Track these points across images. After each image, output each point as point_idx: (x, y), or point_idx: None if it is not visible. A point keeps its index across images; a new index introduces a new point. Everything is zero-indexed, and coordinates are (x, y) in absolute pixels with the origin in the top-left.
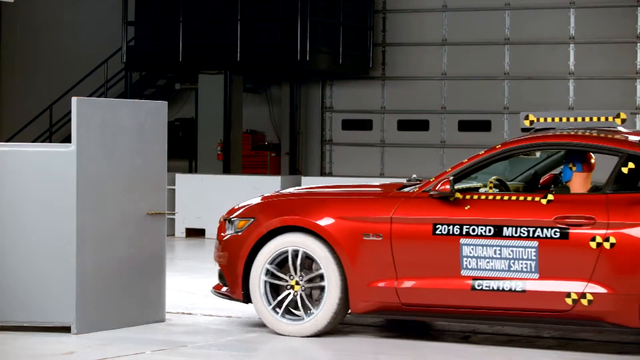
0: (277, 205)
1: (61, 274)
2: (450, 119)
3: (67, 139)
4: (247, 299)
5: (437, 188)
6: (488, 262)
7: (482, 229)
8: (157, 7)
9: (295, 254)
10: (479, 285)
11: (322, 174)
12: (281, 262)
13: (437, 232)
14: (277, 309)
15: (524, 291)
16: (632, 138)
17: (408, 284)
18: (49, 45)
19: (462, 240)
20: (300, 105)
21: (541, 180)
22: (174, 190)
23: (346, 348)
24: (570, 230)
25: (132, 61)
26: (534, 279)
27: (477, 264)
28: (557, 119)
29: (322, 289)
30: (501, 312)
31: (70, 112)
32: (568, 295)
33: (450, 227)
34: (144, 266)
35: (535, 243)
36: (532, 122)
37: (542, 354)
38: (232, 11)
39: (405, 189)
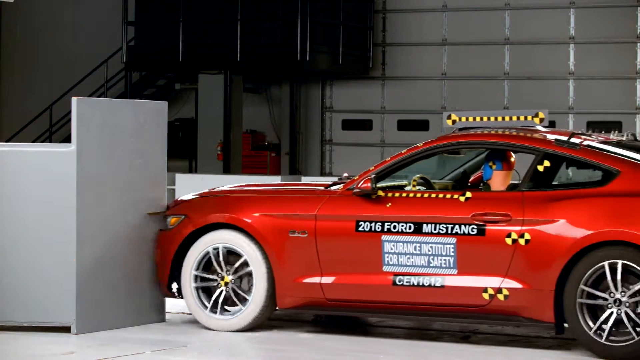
0: (207, 202)
1: (61, 274)
2: None
3: (67, 139)
4: (174, 294)
5: (359, 186)
6: (408, 258)
7: (402, 225)
8: (157, 7)
9: (216, 252)
10: (399, 281)
11: (322, 174)
12: (207, 264)
13: (360, 229)
14: (214, 308)
15: (442, 286)
16: (549, 137)
17: (332, 279)
18: (49, 45)
19: (384, 237)
20: (300, 105)
21: (471, 179)
22: (174, 190)
23: (347, 347)
24: (487, 227)
25: (132, 61)
26: (453, 275)
27: (398, 260)
28: (478, 118)
29: (252, 284)
30: (421, 307)
31: (70, 112)
32: (485, 290)
33: (372, 224)
34: (144, 266)
35: (453, 240)
36: (454, 122)
37: (542, 354)
38: (232, 11)
39: (332, 187)
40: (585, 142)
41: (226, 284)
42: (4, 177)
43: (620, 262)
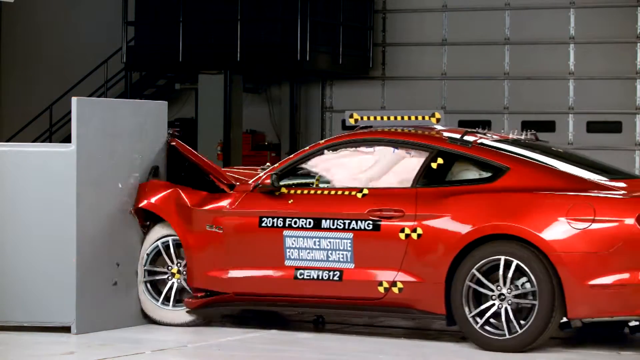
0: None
1: (61, 274)
2: (450, 119)
3: (67, 139)
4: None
5: (262, 182)
6: (309, 252)
7: (302, 221)
8: (157, 7)
9: (166, 245)
10: (300, 275)
11: None
12: (155, 257)
13: (263, 224)
14: (166, 301)
15: (341, 280)
16: (445, 135)
17: (239, 274)
18: (49, 46)
19: (285, 232)
20: (300, 105)
21: None
22: None
23: (347, 347)
24: (381, 223)
25: (132, 61)
26: (350, 269)
27: (299, 254)
28: (378, 118)
29: None
30: (321, 300)
31: (70, 112)
32: (380, 283)
33: (275, 219)
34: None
35: (350, 235)
36: (356, 120)
37: (543, 353)
38: (232, 11)
39: (250, 181)
40: (479, 140)
41: (177, 274)
42: (4, 177)
43: (515, 262)
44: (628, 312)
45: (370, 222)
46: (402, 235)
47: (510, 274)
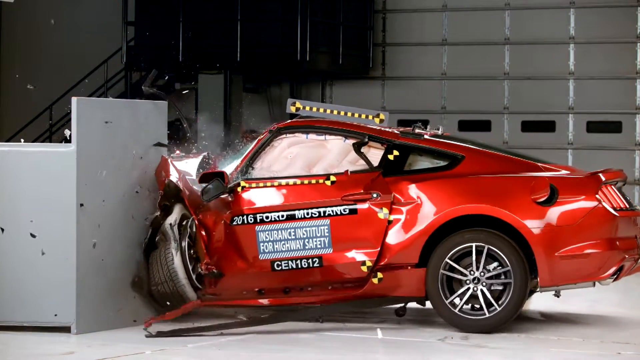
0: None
1: (61, 274)
2: (450, 119)
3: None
4: None
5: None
6: (284, 244)
7: (276, 215)
8: (157, 7)
9: None
10: (278, 266)
11: None
12: None
13: (234, 223)
14: None
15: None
16: (395, 130)
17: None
18: (50, 45)
19: (258, 228)
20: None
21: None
22: None
23: (347, 347)
24: (357, 207)
25: (132, 61)
26: (329, 254)
27: (273, 247)
28: (322, 110)
29: None
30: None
31: (70, 112)
32: (363, 263)
33: (245, 217)
34: (144, 266)
35: (327, 221)
36: (297, 109)
37: (543, 353)
38: (232, 11)
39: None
40: (424, 134)
41: None
42: (4, 176)
43: (487, 247)
44: (589, 278)
45: (347, 207)
46: (380, 215)
47: (482, 259)
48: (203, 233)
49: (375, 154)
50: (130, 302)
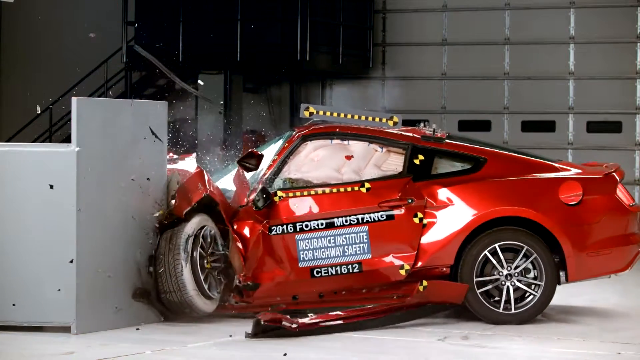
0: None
1: (61, 274)
2: (450, 119)
3: (67, 139)
4: None
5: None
6: (323, 251)
7: (314, 223)
8: (157, 7)
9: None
10: (317, 273)
11: None
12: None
13: (273, 232)
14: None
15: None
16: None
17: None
18: (49, 45)
19: (297, 237)
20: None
21: None
22: None
23: (347, 347)
24: (395, 212)
25: (132, 61)
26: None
27: (313, 254)
28: (335, 114)
29: None
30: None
31: (70, 112)
32: (402, 267)
33: (284, 226)
34: (144, 266)
35: (365, 228)
36: (311, 114)
37: (543, 353)
38: (232, 11)
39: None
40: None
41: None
42: (4, 177)
43: (525, 247)
44: (611, 272)
45: (384, 213)
46: (416, 220)
47: (519, 258)
48: (239, 245)
49: (396, 159)
50: (130, 302)
